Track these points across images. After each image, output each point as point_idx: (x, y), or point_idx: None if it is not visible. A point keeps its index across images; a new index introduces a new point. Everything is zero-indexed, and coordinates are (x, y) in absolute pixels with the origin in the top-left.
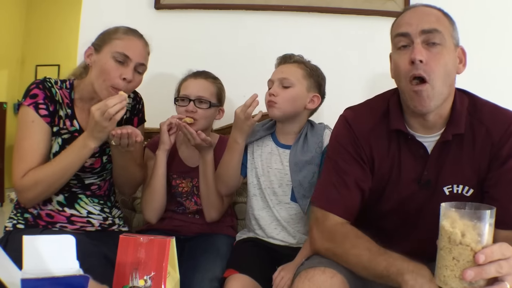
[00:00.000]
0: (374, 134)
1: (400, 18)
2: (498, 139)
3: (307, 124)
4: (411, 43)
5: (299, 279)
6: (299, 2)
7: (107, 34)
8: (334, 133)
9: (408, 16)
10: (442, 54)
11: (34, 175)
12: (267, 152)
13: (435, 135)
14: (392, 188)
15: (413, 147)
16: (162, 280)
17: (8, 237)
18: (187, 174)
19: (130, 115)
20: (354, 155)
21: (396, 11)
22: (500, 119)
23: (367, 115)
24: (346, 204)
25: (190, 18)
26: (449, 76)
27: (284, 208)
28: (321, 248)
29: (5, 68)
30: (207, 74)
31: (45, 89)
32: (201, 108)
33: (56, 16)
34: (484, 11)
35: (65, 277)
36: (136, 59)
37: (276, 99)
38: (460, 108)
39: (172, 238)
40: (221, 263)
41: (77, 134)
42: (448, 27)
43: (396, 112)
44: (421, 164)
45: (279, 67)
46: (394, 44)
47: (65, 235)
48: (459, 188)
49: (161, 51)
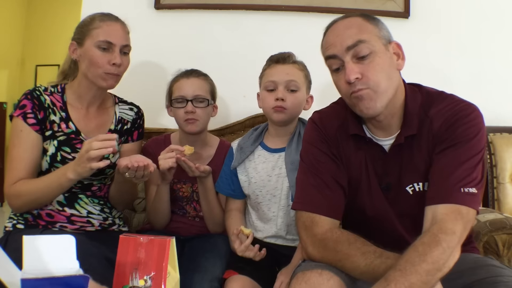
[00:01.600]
0: (340, 135)
1: (324, 40)
2: (437, 129)
3: (299, 123)
4: (343, 62)
5: (296, 281)
6: (299, 2)
7: (84, 26)
8: (305, 136)
9: (330, 36)
10: (375, 62)
11: (19, 187)
12: (261, 162)
13: (393, 136)
14: (363, 193)
15: (373, 150)
16: (162, 280)
17: (8, 237)
18: (187, 179)
19: (131, 127)
20: (328, 152)
21: (396, 11)
22: (441, 108)
23: (332, 118)
24: (330, 203)
25: (190, 18)
26: (391, 78)
27: (287, 210)
28: (315, 256)
29: (5, 68)
30: (197, 72)
31: (33, 98)
32: (200, 107)
33: (56, 16)
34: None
35: (65, 277)
36: (119, 42)
37: (286, 105)
38: (412, 108)
39: (172, 238)
40: (221, 264)
41: (73, 135)
42: (372, 31)
43: (353, 117)
44: (381, 167)
45: (279, 67)
46: (328, 66)
47: (65, 235)
48: (419, 186)
49: (161, 51)
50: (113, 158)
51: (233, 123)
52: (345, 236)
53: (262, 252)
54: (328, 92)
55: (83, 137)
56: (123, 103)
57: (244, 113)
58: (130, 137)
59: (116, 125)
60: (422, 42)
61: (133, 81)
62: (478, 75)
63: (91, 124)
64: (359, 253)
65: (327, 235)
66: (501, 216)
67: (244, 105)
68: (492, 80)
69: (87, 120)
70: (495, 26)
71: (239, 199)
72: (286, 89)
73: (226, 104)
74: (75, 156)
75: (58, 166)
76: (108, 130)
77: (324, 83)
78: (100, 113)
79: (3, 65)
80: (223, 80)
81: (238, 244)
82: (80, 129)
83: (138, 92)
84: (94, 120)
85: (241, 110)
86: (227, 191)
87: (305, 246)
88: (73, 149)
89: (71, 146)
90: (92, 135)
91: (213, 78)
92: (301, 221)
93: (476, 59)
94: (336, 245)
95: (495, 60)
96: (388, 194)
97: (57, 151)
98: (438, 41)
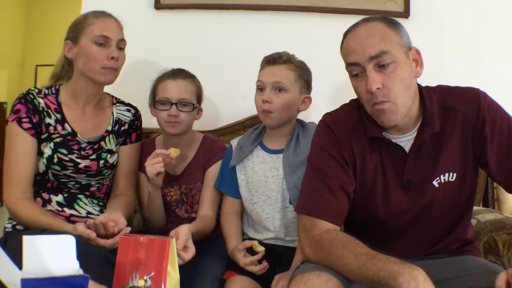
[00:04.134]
0: (354, 138)
1: (345, 44)
2: (475, 122)
3: (297, 124)
4: (364, 70)
5: (294, 283)
6: (299, 2)
7: (78, 24)
8: (315, 139)
9: (352, 42)
10: (396, 72)
11: (20, 210)
12: (259, 163)
13: (409, 134)
14: (379, 193)
15: (391, 150)
16: (162, 280)
17: (7, 237)
18: (174, 182)
19: (128, 128)
20: (338, 157)
21: (396, 11)
22: (468, 101)
23: (345, 120)
24: (333, 209)
25: (190, 18)
26: (410, 87)
27: (284, 212)
28: (311, 257)
29: (5, 68)
30: (185, 73)
31: (27, 102)
32: (184, 111)
33: (56, 16)
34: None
35: (65, 277)
36: (115, 37)
37: (271, 107)
38: (431, 107)
39: (172, 238)
40: (221, 264)
41: (69, 137)
42: (394, 38)
43: (370, 121)
44: (401, 165)
45: (268, 68)
46: (348, 71)
47: (65, 235)
48: (445, 177)
49: (161, 51)
50: (111, 159)
51: (233, 123)
52: (339, 238)
53: (263, 265)
54: (328, 92)
55: (79, 138)
56: (121, 104)
57: (244, 113)
58: (129, 139)
59: (113, 126)
60: (422, 42)
61: (133, 81)
62: (479, 75)
63: (87, 124)
64: (352, 255)
65: (323, 236)
66: (501, 216)
67: (244, 105)
68: (493, 80)
69: (83, 120)
70: (496, 26)
71: (238, 198)
72: (273, 90)
73: (226, 104)
74: (72, 157)
75: (55, 168)
76: (105, 130)
77: (324, 83)
78: (96, 113)
79: (3, 65)
80: (223, 80)
81: (242, 256)
82: (76, 130)
83: (137, 92)
84: (91, 120)
85: (241, 110)
86: (228, 189)
87: (303, 247)
88: (70, 151)
89: (68, 147)
90: (88, 135)
91: (213, 78)
92: (301, 223)
93: (477, 59)
94: (330, 246)
95: (495, 60)
96: (409, 191)
97: (53, 153)
98: (438, 41)
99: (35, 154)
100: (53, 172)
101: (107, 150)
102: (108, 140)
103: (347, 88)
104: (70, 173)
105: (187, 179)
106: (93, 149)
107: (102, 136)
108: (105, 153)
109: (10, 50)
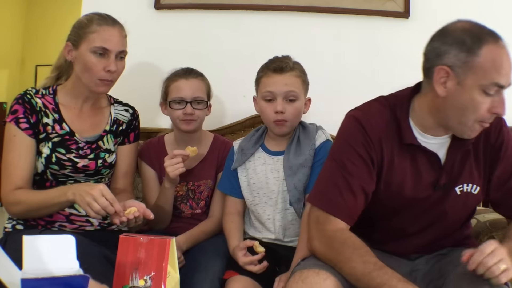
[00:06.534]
0: (385, 139)
1: (498, 62)
2: (494, 141)
3: (298, 126)
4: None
5: (293, 280)
6: (299, 2)
7: (81, 28)
8: (343, 133)
9: (506, 61)
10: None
11: (19, 195)
12: (260, 164)
13: (443, 137)
14: (406, 192)
15: (425, 156)
16: (162, 280)
17: (7, 237)
18: (181, 178)
19: (126, 128)
20: (365, 156)
21: (396, 11)
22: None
23: (377, 119)
24: (350, 209)
25: (190, 18)
26: None
27: (284, 214)
28: (318, 251)
29: (5, 68)
30: (195, 72)
31: (25, 103)
32: (199, 108)
33: (56, 16)
34: None
35: (65, 277)
36: (115, 49)
37: (286, 117)
38: None
39: (172, 238)
40: (222, 263)
41: (67, 136)
42: None
43: (407, 126)
44: (437, 171)
45: (276, 77)
46: (483, 89)
47: (65, 235)
48: (468, 187)
49: (161, 51)
50: (109, 158)
51: (233, 123)
52: (352, 241)
53: (262, 265)
54: (328, 92)
55: (77, 138)
56: (119, 104)
57: (244, 113)
58: (127, 139)
59: (111, 125)
60: (422, 42)
61: (133, 81)
62: None
63: (85, 123)
64: (361, 260)
65: (336, 234)
66: (501, 216)
67: (244, 105)
68: None
69: (81, 120)
70: (495, 26)
71: (240, 198)
72: (285, 100)
73: (226, 104)
74: (70, 157)
75: (53, 167)
76: (103, 130)
77: (324, 83)
78: (94, 113)
79: (3, 65)
80: (223, 80)
81: (242, 255)
82: (74, 129)
83: (137, 92)
84: (88, 120)
85: (241, 110)
86: (230, 190)
87: (311, 238)
88: (68, 150)
89: (66, 147)
90: (86, 134)
91: (213, 78)
92: (314, 216)
93: None
94: (341, 246)
95: None
96: (438, 193)
97: (51, 152)
98: None
99: (34, 154)
100: (52, 171)
101: (105, 150)
102: (106, 139)
103: (347, 88)
104: (69, 172)
105: (196, 176)
106: (91, 148)
107: (100, 135)
108: (103, 153)
109: (10, 50)
